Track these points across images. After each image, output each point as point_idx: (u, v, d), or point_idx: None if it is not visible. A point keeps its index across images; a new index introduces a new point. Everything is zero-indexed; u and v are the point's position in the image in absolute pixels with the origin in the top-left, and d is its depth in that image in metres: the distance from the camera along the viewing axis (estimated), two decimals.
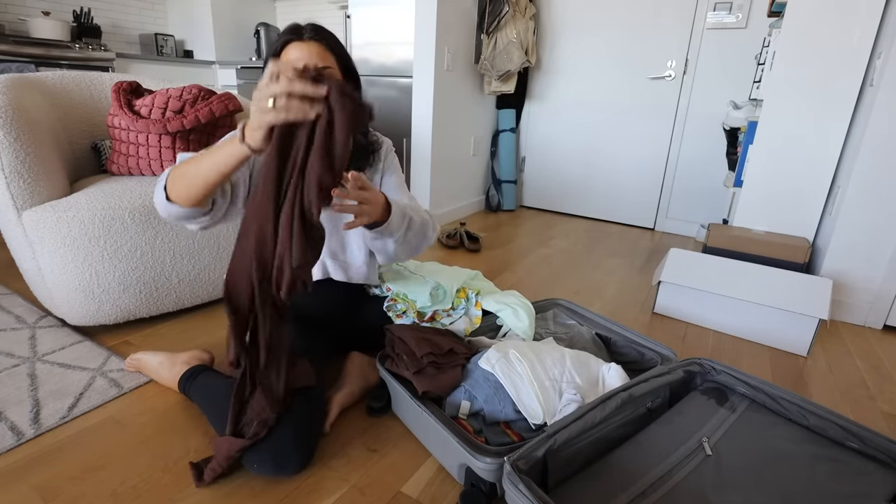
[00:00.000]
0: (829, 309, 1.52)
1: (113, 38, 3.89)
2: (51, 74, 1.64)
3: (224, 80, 4.07)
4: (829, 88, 1.82)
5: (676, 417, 1.01)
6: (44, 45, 3.07)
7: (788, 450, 0.93)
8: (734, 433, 0.97)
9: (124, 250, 1.37)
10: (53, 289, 1.35)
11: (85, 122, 1.65)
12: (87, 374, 1.24)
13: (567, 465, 0.87)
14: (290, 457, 0.91)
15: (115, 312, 1.41)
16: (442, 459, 0.99)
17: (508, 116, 3.26)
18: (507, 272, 2.17)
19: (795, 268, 1.82)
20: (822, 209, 1.93)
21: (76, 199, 1.33)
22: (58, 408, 1.10)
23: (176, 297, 1.51)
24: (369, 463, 1.00)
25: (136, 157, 1.52)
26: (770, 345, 1.61)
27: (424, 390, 1.01)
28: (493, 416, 0.99)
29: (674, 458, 0.89)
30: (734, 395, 1.10)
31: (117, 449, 1.00)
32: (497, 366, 1.03)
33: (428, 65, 2.62)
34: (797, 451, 0.93)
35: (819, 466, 0.89)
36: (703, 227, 2.80)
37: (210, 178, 0.83)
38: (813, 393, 1.35)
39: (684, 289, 1.74)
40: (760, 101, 2.07)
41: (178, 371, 1.16)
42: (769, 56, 1.97)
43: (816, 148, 1.89)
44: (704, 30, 2.68)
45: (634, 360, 1.30)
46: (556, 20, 3.09)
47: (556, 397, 1.00)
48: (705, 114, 2.79)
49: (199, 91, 1.53)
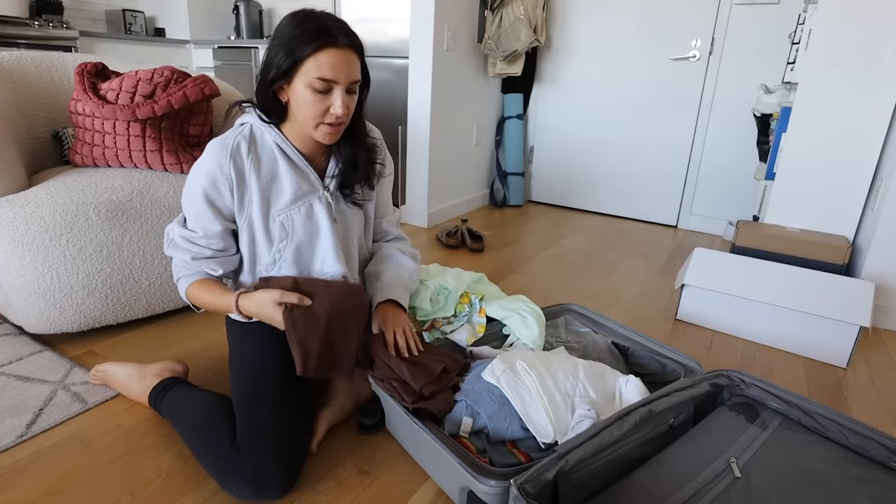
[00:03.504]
0: (871, 315, 1.52)
1: (76, 14, 3.89)
2: (6, 55, 1.64)
3: (199, 61, 4.08)
4: (872, 70, 1.82)
5: (702, 436, 1.02)
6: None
7: (826, 471, 0.93)
8: (766, 453, 0.97)
9: (89, 250, 1.37)
10: (10, 293, 1.35)
11: (45, 108, 1.65)
12: (48, 387, 1.24)
13: (580, 488, 0.87)
14: (273, 479, 0.91)
15: (79, 319, 1.41)
16: (441, 482, 0.99)
17: (515, 102, 3.26)
18: (513, 274, 2.18)
19: (834, 269, 1.82)
20: (863, 204, 1.93)
21: (35, 193, 1.34)
22: (15, 425, 1.10)
23: (146, 302, 1.51)
24: (360, 486, 1.00)
25: (102, 146, 1.52)
26: (805, 355, 1.61)
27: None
28: (497, 434, 0.99)
29: (699, 481, 0.89)
30: (766, 410, 1.10)
31: (81, 471, 1.00)
32: (502, 378, 1.03)
33: (426, 44, 2.62)
34: (835, 472, 0.93)
35: (860, 490, 0.89)
36: (731, 225, 2.80)
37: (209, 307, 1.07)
38: (853, 408, 1.36)
39: (710, 293, 1.74)
40: (795, 85, 2.07)
41: (148, 384, 1.16)
42: (804, 35, 1.97)
43: (857, 137, 1.89)
44: (733, 5, 2.68)
45: (655, 371, 1.30)
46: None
47: (568, 413, 1.00)
48: (734, 99, 2.79)
49: (172, 73, 1.53)
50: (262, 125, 1.04)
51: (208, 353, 1.43)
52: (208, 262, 1.06)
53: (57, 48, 3.24)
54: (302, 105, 0.97)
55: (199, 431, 1.00)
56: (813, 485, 0.90)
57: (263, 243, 1.07)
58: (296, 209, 1.06)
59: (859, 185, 1.92)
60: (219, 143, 1.02)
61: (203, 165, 1.01)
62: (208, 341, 1.49)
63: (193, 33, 4.12)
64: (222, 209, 1.03)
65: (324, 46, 0.93)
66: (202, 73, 1.62)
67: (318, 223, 1.09)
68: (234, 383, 1.04)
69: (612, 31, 3.03)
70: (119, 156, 1.53)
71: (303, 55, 0.93)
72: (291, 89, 0.97)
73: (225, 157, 1.00)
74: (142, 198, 1.45)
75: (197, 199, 1.01)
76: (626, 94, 3.08)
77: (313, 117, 0.97)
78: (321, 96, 0.95)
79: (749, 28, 2.68)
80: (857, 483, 0.90)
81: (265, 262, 1.08)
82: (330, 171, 1.10)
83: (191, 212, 1.04)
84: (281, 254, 1.07)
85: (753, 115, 2.56)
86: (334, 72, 0.94)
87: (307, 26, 0.94)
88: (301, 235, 1.07)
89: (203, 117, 1.64)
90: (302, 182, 1.06)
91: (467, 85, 2.99)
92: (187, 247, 1.05)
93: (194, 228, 1.04)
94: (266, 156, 1.04)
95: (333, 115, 0.97)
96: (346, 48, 0.95)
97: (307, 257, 1.10)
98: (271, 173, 1.04)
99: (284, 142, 1.04)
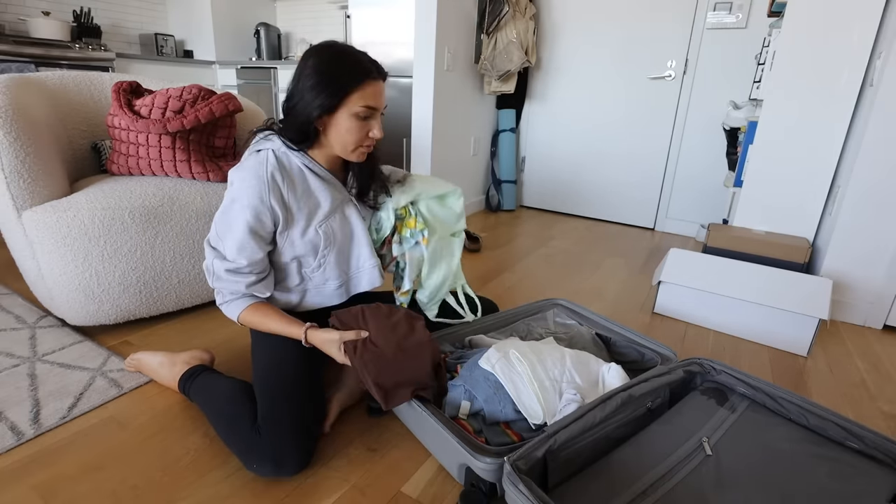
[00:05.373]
0: (829, 309, 1.52)
1: (113, 38, 3.90)
2: (51, 74, 1.64)
3: (224, 79, 4.08)
4: (830, 88, 1.82)
5: (676, 417, 1.01)
6: (44, 45, 3.07)
7: (788, 450, 0.93)
8: (734, 433, 0.97)
9: (124, 250, 1.37)
10: (53, 289, 1.35)
11: (85, 122, 1.65)
12: (87, 374, 1.24)
13: (567, 465, 0.87)
14: (290, 457, 0.91)
15: (115, 312, 1.41)
16: (442, 459, 0.99)
17: (508, 116, 3.26)
18: (506, 272, 2.17)
19: (795, 268, 1.82)
20: (822, 209, 1.93)
21: (76, 199, 1.34)
22: (58, 408, 1.10)
23: (176, 297, 1.51)
24: (369, 463, 1.00)
25: (136, 157, 1.52)
26: (770, 345, 1.61)
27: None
28: (493, 417, 0.99)
29: (674, 458, 0.89)
30: (734, 395, 1.10)
31: (117, 449, 1.00)
32: (497, 366, 1.03)
33: (428, 65, 2.62)
34: (797, 450, 0.93)
35: (819, 466, 0.89)
36: (703, 227, 2.80)
37: (272, 331, 1.04)
38: (813, 393, 1.35)
39: (684, 289, 1.74)
40: (760, 101, 2.07)
41: (178, 371, 1.16)
42: (769, 56, 1.97)
43: (816, 148, 1.89)
44: (704, 30, 2.68)
45: (634, 360, 1.30)
46: (557, 20, 3.09)
47: (557, 397, 1.00)
48: (705, 114, 2.79)
49: (199, 91, 1.53)
50: (286, 150, 1.01)
51: (232, 344, 1.43)
52: (258, 287, 1.03)
53: (95, 68, 3.24)
54: (345, 133, 0.97)
55: (224, 415, 1.00)
56: (777, 462, 0.90)
57: (308, 254, 1.06)
58: (333, 218, 1.06)
59: (819, 192, 1.92)
60: (252, 175, 0.96)
61: (243, 198, 0.96)
62: (232, 332, 1.49)
63: (219, 55, 4.12)
64: (265, 237, 1.01)
65: (367, 80, 0.95)
66: (226, 91, 1.62)
67: (353, 225, 1.10)
68: (256, 372, 1.04)
69: (595, 53, 3.03)
70: (151, 165, 1.53)
71: (350, 89, 0.94)
72: (333, 120, 0.97)
73: (264, 189, 0.96)
74: (172, 203, 1.45)
75: (241, 232, 0.97)
76: (608, 110, 3.08)
77: (355, 142, 0.99)
78: (363, 123, 0.97)
79: (719, 50, 2.67)
80: (816, 460, 0.90)
81: (310, 268, 1.08)
82: (350, 182, 1.12)
83: (233, 244, 0.98)
84: (325, 258, 1.07)
85: (723, 129, 2.56)
86: (376, 100, 0.97)
87: (347, 63, 0.95)
88: (341, 240, 1.08)
89: (227, 131, 1.64)
90: (334, 193, 1.06)
91: (465, 101, 2.99)
92: (235, 278, 1.01)
93: (238, 259, 0.99)
94: (297, 176, 1.02)
95: (372, 139, 1.00)
96: (381, 80, 0.98)
97: (346, 256, 1.11)
98: (306, 191, 1.03)
99: (312, 162, 1.03)
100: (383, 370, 0.95)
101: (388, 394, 0.94)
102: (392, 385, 0.95)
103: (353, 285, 1.15)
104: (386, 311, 1.05)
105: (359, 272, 1.13)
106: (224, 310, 1.05)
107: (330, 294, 1.12)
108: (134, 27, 4.04)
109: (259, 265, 1.02)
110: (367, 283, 1.15)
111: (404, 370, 0.96)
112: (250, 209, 0.96)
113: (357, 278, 1.14)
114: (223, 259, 1.00)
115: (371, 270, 1.13)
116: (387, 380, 0.94)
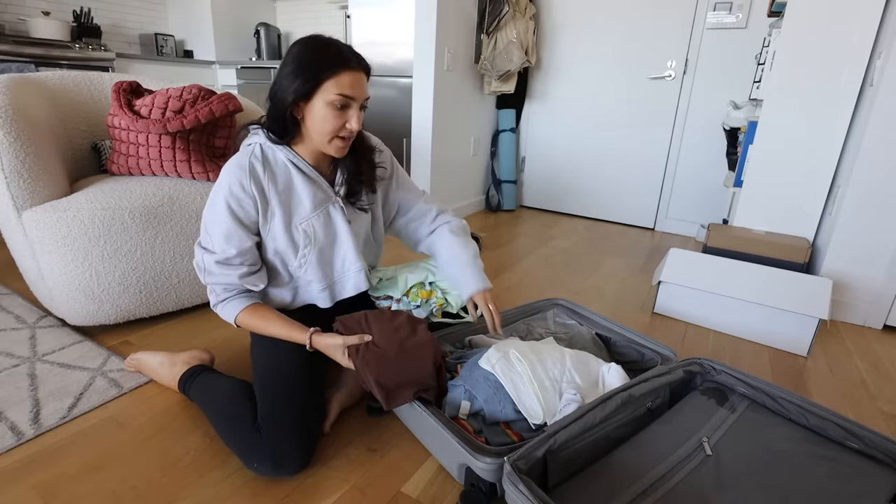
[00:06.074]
0: (829, 309, 1.52)
1: (113, 38, 3.89)
2: (51, 74, 1.64)
3: (224, 79, 4.08)
4: (830, 88, 1.82)
5: (676, 417, 1.01)
6: (44, 45, 3.07)
7: (788, 450, 0.93)
8: (734, 433, 0.97)
9: (124, 250, 1.37)
10: (53, 289, 1.35)
11: (85, 122, 1.65)
12: (87, 373, 1.24)
13: (567, 464, 0.87)
14: (290, 457, 0.91)
15: (115, 312, 1.41)
16: (442, 459, 0.99)
17: (508, 116, 3.26)
18: (506, 272, 2.17)
19: (795, 268, 1.82)
20: (822, 209, 1.93)
21: (76, 199, 1.34)
22: (58, 408, 1.10)
23: (176, 297, 1.51)
24: (369, 463, 1.00)
25: (136, 157, 1.52)
26: (770, 345, 1.61)
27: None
28: (493, 417, 0.99)
29: (674, 458, 0.89)
30: (734, 395, 1.10)
31: (117, 449, 1.00)
32: (497, 366, 1.03)
33: (428, 65, 2.62)
34: (797, 450, 0.93)
35: (819, 466, 0.89)
36: (703, 228, 2.80)
37: (273, 335, 1.03)
38: (813, 393, 1.35)
39: (684, 289, 1.74)
40: (760, 101, 2.07)
41: (178, 371, 1.16)
42: (769, 56, 1.97)
43: (816, 148, 1.89)
44: (704, 30, 2.68)
45: (634, 360, 1.29)
46: (557, 20, 3.09)
47: (557, 397, 1.00)
48: (705, 114, 2.79)
49: (199, 91, 1.53)
50: (272, 144, 1.02)
51: (232, 344, 1.42)
52: (250, 279, 1.03)
53: (96, 68, 3.24)
54: (320, 122, 0.96)
55: (224, 414, 1.00)
56: (777, 462, 0.90)
57: (289, 251, 1.05)
58: (315, 217, 1.05)
59: (818, 192, 1.92)
60: (234, 164, 0.99)
61: (224, 187, 0.98)
62: (232, 332, 1.49)
63: (219, 55, 4.11)
64: (249, 225, 1.01)
65: (343, 68, 0.93)
66: (226, 91, 1.62)
67: (337, 227, 1.09)
68: (256, 372, 1.04)
69: (595, 53, 3.03)
70: (151, 165, 1.53)
71: (324, 75, 0.93)
72: (309, 108, 0.96)
73: (244, 175, 0.98)
74: (172, 203, 1.45)
75: (225, 219, 0.98)
76: (608, 110, 3.08)
77: (330, 132, 0.97)
78: (339, 113, 0.95)
79: (719, 50, 2.67)
80: (816, 460, 0.90)
81: (293, 266, 1.08)
82: (338, 181, 1.10)
83: (220, 234, 0.99)
84: (306, 258, 1.07)
85: (723, 129, 2.56)
86: (353, 90, 0.95)
87: (326, 51, 0.94)
88: (322, 240, 1.07)
89: (227, 131, 1.64)
90: (317, 191, 1.05)
91: (465, 101, 2.99)
92: (226, 270, 1.00)
93: (226, 249, 0.99)
94: (280, 171, 1.02)
95: (349, 130, 0.98)
96: (360, 70, 0.96)
97: (329, 258, 1.10)
98: (288, 187, 1.03)
99: (296, 157, 1.03)
100: (385, 370, 0.95)
101: (390, 394, 0.94)
102: (394, 385, 0.95)
103: (337, 289, 1.13)
104: (389, 314, 1.05)
105: (344, 276, 1.12)
106: (219, 311, 1.04)
107: (315, 296, 1.12)
108: (134, 27, 4.04)
109: (249, 255, 1.02)
110: (353, 288, 1.12)
111: (406, 370, 0.96)
112: (231, 195, 0.98)
113: (342, 282, 1.12)
114: (212, 252, 1.00)
115: (357, 274, 1.11)
116: (389, 380, 0.94)
